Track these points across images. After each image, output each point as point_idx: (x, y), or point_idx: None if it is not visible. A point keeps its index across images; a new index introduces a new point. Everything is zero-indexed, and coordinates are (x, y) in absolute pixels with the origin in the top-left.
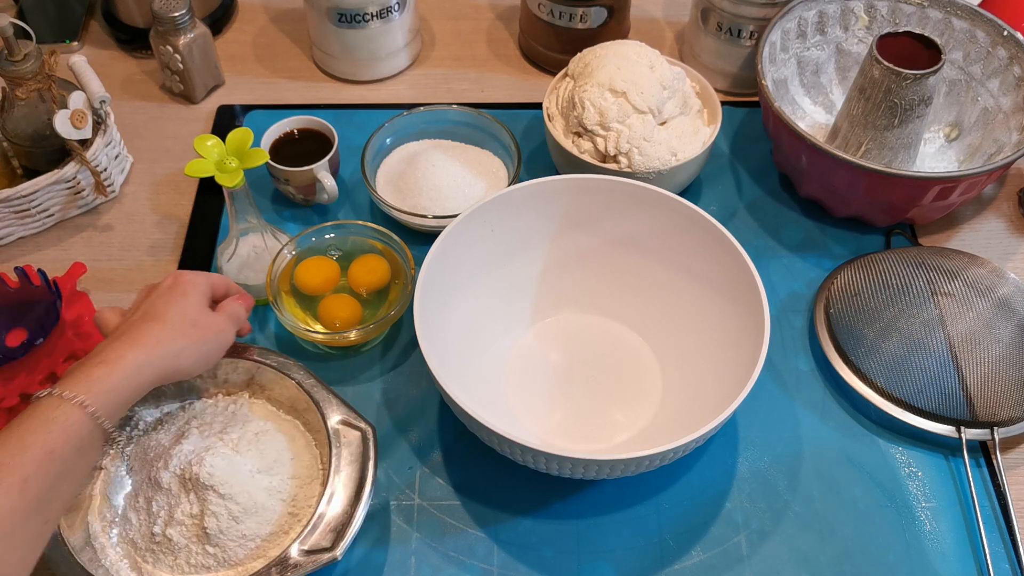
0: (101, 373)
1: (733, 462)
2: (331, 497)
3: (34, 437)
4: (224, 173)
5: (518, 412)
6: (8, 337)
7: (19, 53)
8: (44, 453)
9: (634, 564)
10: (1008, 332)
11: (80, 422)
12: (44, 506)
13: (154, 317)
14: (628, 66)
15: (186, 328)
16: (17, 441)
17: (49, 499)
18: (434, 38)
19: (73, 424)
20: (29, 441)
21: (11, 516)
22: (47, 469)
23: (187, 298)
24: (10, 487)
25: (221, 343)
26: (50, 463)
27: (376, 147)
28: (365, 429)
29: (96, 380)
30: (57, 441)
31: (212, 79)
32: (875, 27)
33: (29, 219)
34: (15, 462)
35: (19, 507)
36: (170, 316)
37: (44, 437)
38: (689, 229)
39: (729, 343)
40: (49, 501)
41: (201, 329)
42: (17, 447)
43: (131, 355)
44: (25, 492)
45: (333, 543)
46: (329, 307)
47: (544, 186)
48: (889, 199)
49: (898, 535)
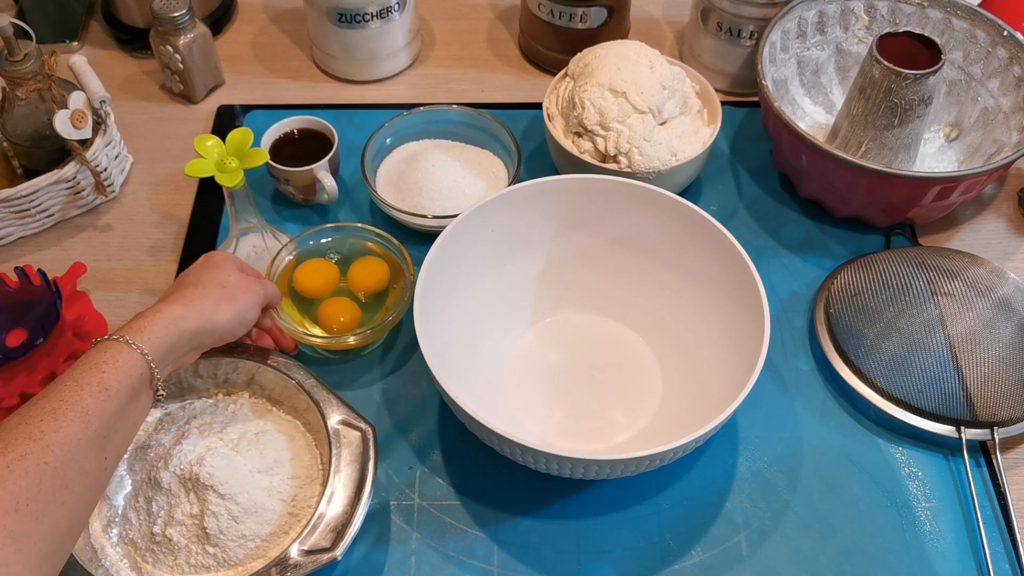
0: (142, 324)
1: (733, 462)
2: (331, 497)
3: (89, 376)
4: (224, 173)
5: (518, 412)
6: (8, 337)
7: (19, 53)
8: (100, 390)
9: (634, 564)
10: (1008, 332)
11: (131, 362)
12: (104, 441)
13: (186, 284)
14: (628, 66)
15: (217, 288)
16: (73, 382)
17: (108, 435)
18: (434, 38)
19: (124, 364)
20: (84, 380)
21: (77, 444)
22: (104, 405)
23: (218, 267)
24: (73, 418)
25: (254, 302)
26: (107, 400)
27: (376, 147)
28: (365, 429)
29: (138, 329)
30: (111, 380)
31: (212, 79)
32: (875, 27)
33: (29, 219)
34: (74, 397)
35: (83, 437)
36: (203, 280)
37: (99, 376)
38: (689, 229)
39: (729, 343)
40: (108, 438)
41: (233, 288)
42: (74, 386)
43: (167, 309)
44: (87, 423)
45: (333, 543)
46: (328, 310)
47: (544, 186)
48: (889, 199)
49: (898, 535)
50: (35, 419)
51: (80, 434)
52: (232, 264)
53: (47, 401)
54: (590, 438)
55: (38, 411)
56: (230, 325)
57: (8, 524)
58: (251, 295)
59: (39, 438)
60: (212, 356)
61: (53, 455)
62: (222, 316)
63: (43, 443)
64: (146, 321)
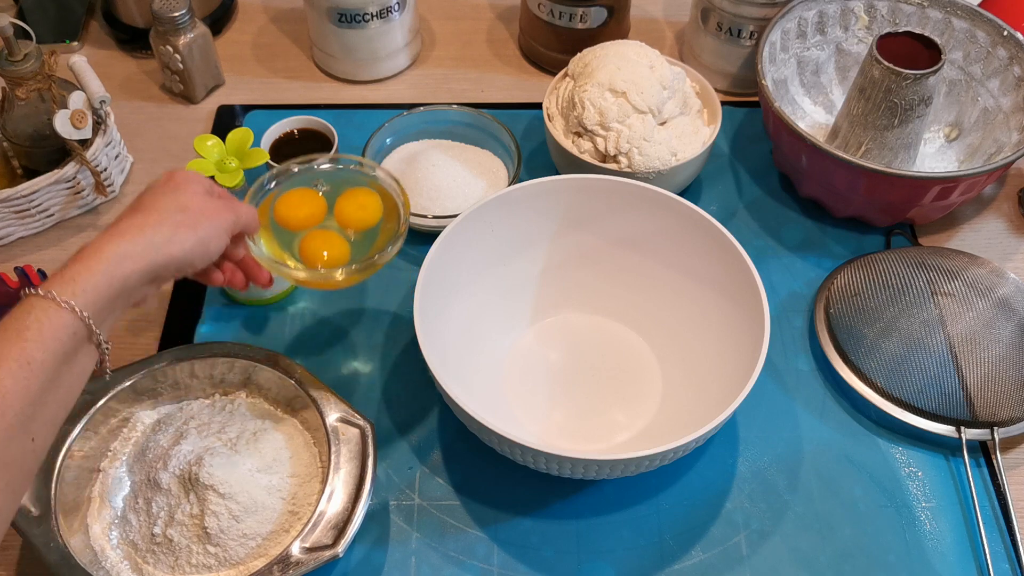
0: (77, 270)
1: (733, 462)
2: (331, 495)
3: (8, 348)
4: (224, 173)
5: (518, 412)
6: None
7: (19, 53)
8: (21, 365)
9: (634, 564)
10: (1008, 332)
11: (59, 324)
12: (28, 424)
13: (139, 208)
14: (628, 66)
15: (175, 214)
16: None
17: (33, 416)
18: (434, 38)
19: (51, 327)
20: (3, 353)
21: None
22: (26, 384)
23: (179, 188)
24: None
25: (221, 228)
26: (29, 376)
27: (376, 147)
28: (363, 426)
29: (71, 279)
30: (34, 350)
31: (212, 79)
32: (875, 27)
33: (29, 219)
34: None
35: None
36: (158, 204)
37: (19, 347)
38: (689, 229)
39: (729, 343)
40: (33, 417)
41: (193, 214)
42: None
43: (110, 247)
44: (4, 410)
45: (334, 540)
46: (312, 243)
47: (544, 186)
48: (889, 199)
49: (898, 535)
50: None
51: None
52: (198, 185)
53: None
54: (590, 438)
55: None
56: (189, 258)
57: None
58: (217, 220)
59: None
60: (208, 357)
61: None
62: (178, 248)
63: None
64: (80, 266)
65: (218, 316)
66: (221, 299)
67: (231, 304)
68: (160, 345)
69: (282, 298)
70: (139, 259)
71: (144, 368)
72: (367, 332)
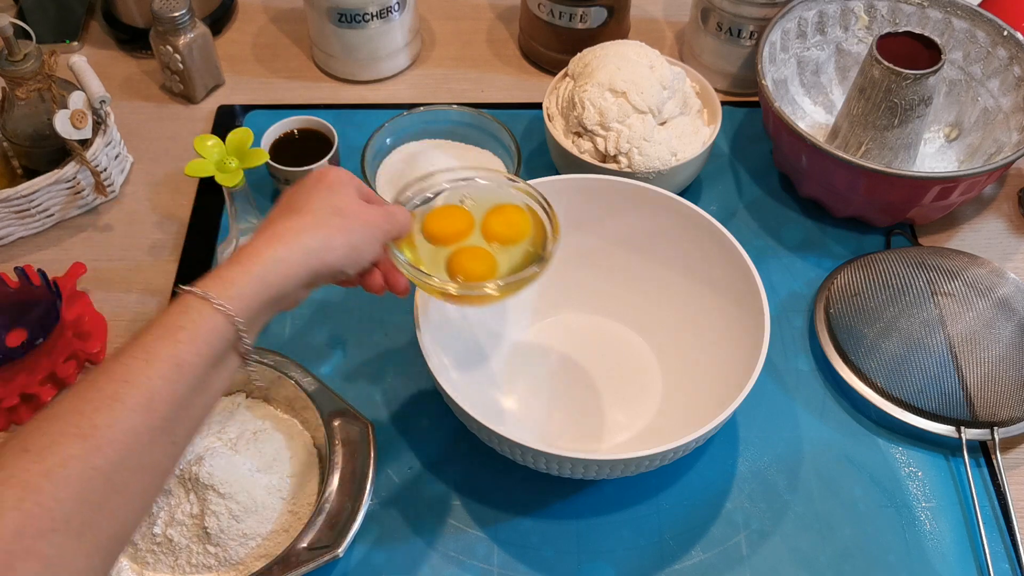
0: (234, 273)
1: (733, 462)
2: (331, 495)
3: (160, 346)
4: (224, 173)
5: (518, 412)
6: (8, 337)
7: (19, 53)
8: (172, 367)
9: (634, 564)
10: (1008, 332)
11: (212, 328)
12: (172, 427)
13: (294, 208)
14: (628, 66)
15: (332, 218)
16: (143, 353)
17: (177, 418)
18: (434, 38)
19: (204, 331)
20: (155, 352)
21: (136, 439)
22: (174, 386)
23: (334, 190)
24: (135, 408)
25: (371, 236)
26: (178, 378)
27: (376, 147)
28: (363, 426)
29: (229, 281)
30: (186, 352)
31: (212, 79)
32: (875, 27)
33: (29, 219)
34: (139, 377)
35: (144, 429)
36: (313, 206)
37: (172, 347)
38: (689, 229)
39: (729, 343)
40: (177, 421)
41: (348, 219)
42: (143, 360)
43: (268, 251)
44: (152, 411)
45: (334, 541)
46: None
47: (544, 186)
48: (889, 199)
49: (898, 535)
50: (89, 407)
51: (141, 425)
52: (353, 187)
53: (108, 380)
54: (590, 438)
55: (94, 395)
56: (343, 264)
57: (41, 547)
58: (372, 228)
59: (90, 435)
60: None
61: (104, 457)
62: (334, 255)
63: (94, 442)
64: (238, 270)
65: None
66: None
67: None
68: None
69: None
70: (295, 265)
71: None
72: (367, 332)
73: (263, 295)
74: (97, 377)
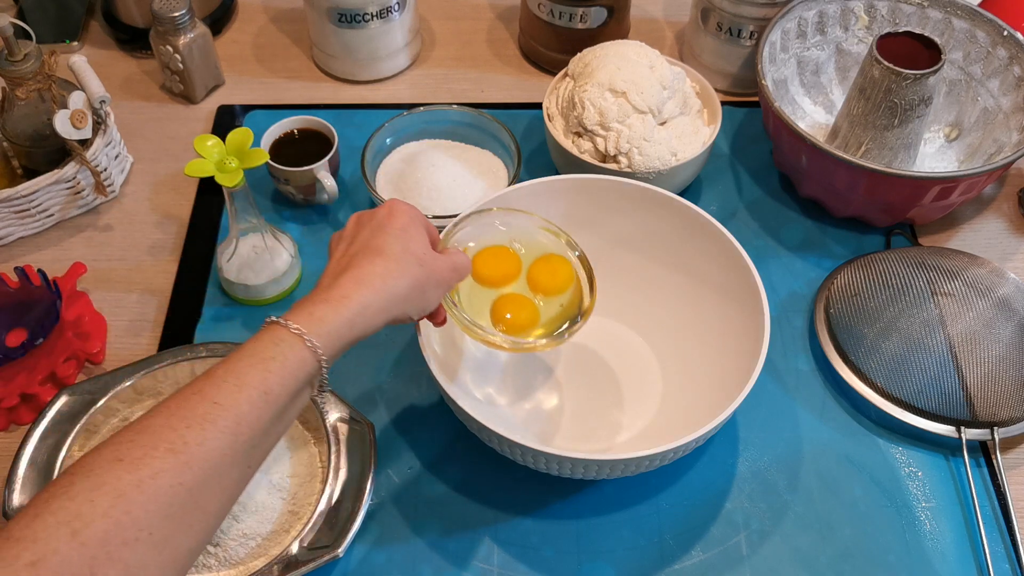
0: (324, 312)
1: (733, 462)
2: (331, 495)
3: (251, 374)
4: (224, 173)
5: (518, 412)
6: (8, 337)
7: (19, 53)
8: (260, 394)
9: (634, 564)
10: (1008, 332)
11: (300, 361)
12: (251, 452)
13: (377, 251)
14: (628, 66)
15: (412, 267)
16: (235, 378)
17: (256, 444)
18: (434, 38)
19: (293, 364)
20: (246, 379)
21: (221, 459)
22: (260, 413)
23: (408, 233)
24: (224, 429)
25: (441, 289)
26: (265, 406)
27: (376, 147)
28: (364, 426)
29: (319, 319)
30: (274, 382)
31: (212, 79)
32: (875, 27)
33: (29, 219)
34: (230, 400)
35: (229, 451)
36: (395, 251)
37: (262, 376)
38: (689, 229)
39: (729, 343)
40: (257, 447)
41: (427, 269)
42: (234, 385)
43: (357, 295)
44: (238, 435)
45: (334, 541)
46: (508, 307)
47: (544, 186)
48: (889, 199)
49: (898, 535)
50: (181, 424)
51: (227, 448)
52: (423, 228)
53: (200, 400)
54: (590, 438)
55: (187, 413)
56: (416, 311)
57: (124, 555)
58: (443, 282)
59: (180, 451)
60: (208, 357)
61: (191, 474)
62: (411, 304)
63: (183, 458)
64: (329, 308)
65: (218, 316)
66: (221, 299)
67: (231, 304)
68: (160, 345)
69: (282, 298)
70: (380, 312)
71: (144, 368)
72: None
73: (347, 337)
74: (189, 396)
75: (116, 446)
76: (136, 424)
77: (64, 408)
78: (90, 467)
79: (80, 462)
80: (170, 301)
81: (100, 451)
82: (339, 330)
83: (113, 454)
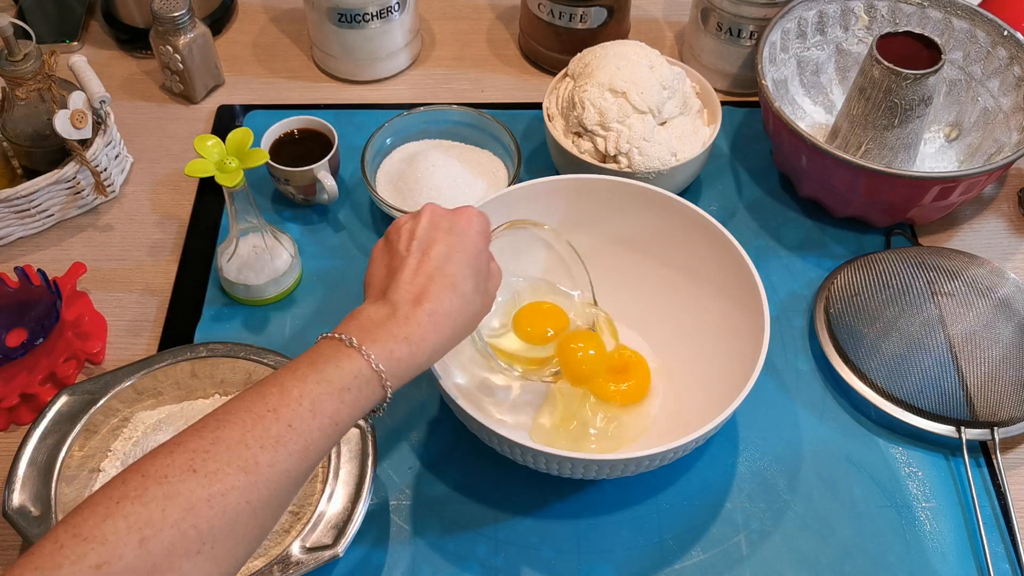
0: (404, 354)
1: (733, 462)
2: (331, 495)
3: (327, 403)
4: (224, 173)
5: (518, 412)
6: (8, 337)
7: (19, 53)
8: (331, 423)
9: (634, 564)
10: (1008, 332)
11: (371, 398)
12: (307, 475)
13: (452, 285)
14: (628, 66)
15: (479, 308)
16: (311, 403)
17: (314, 465)
18: (434, 38)
19: (365, 399)
20: (321, 406)
21: (286, 481)
22: (326, 440)
23: (480, 260)
24: (293, 452)
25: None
26: (332, 433)
27: (376, 147)
28: (363, 427)
29: (397, 360)
30: (346, 413)
31: (212, 79)
32: (875, 27)
33: (29, 219)
34: (305, 426)
35: (295, 473)
36: (467, 290)
37: (336, 406)
38: (689, 229)
39: (729, 343)
40: (311, 470)
41: (487, 305)
42: (309, 411)
43: (432, 338)
44: (305, 460)
45: (334, 540)
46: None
47: (544, 186)
48: (889, 199)
49: (898, 535)
50: (256, 443)
51: (293, 471)
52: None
53: (275, 421)
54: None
55: (262, 433)
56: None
57: (186, 567)
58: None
59: (252, 471)
60: (209, 357)
61: (258, 494)
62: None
63: (254, 478)
64: (407, 352)
65: (218, 316)
66: (221, 299)
67: (231, 304)
68: (160, 345)
69: (282, 298)
70: (443, 351)
71: (144, 368)
72: None
73: (412, 376)
74: (265, 414)
75: (191, 455)
76: (210, 430)
77: (64, 408)
78: (163, 473)
79: (152, 464)
80: (170, 301)
81: (173, 455)
82: (410, 372)
83: (188, 463)
